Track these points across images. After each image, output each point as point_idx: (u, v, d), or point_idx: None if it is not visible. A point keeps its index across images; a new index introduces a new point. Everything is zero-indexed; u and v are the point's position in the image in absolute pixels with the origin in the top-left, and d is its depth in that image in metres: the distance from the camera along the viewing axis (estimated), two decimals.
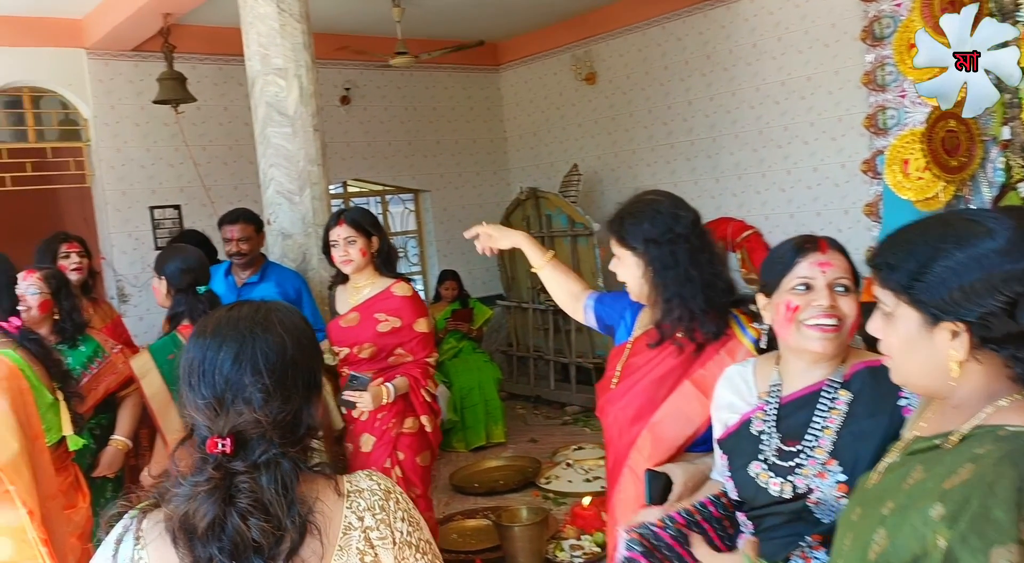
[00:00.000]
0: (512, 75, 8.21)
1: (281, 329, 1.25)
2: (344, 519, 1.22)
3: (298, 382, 1.24)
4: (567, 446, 5.63)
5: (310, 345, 1.29)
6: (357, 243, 3.16)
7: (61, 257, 3.66)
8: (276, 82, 4.06)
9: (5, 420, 2.21)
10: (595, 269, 6.55)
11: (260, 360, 1.22)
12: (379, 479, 1.29)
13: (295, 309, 1.35)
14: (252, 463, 1.18)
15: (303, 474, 1.22)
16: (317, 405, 1.29)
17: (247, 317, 1.27)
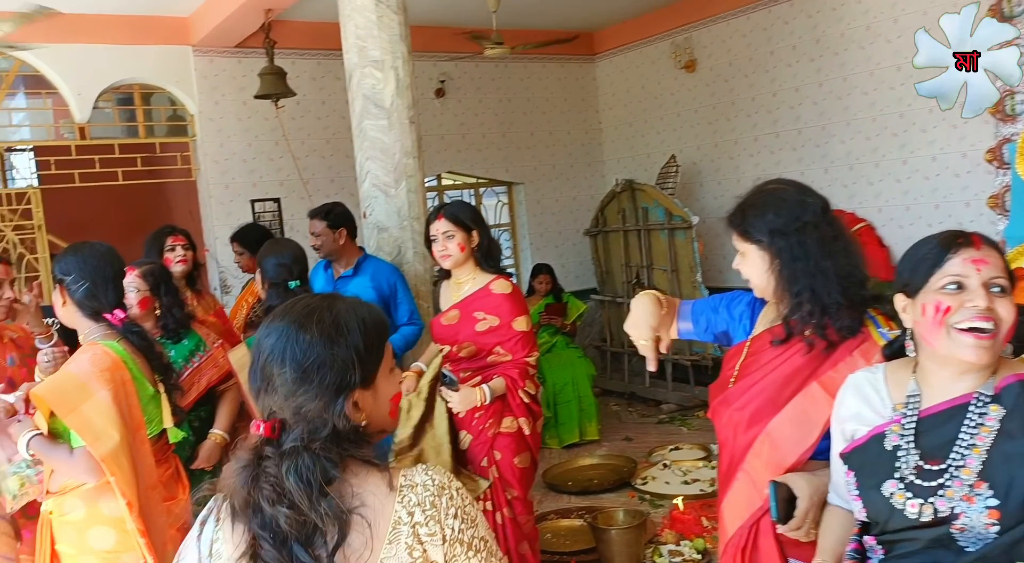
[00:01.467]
0: (608, 65, 8.03)
1: (318, 329, 1.24)
2: (394, 513, 1.21)
3: (326, 381, 1.22)
4: (663, 446, 5.47)
5: (356, 348, 1.25)
6: (455, 238, 3.08)
7: (167, 250, 3.73)
8: (373, 74, 4.04)
9: (106, 411, 2.23)
10: (694, 264, 6.33)
11: (288, 354, 1.24)
12: (435, 474, 1.26)
13: (367, 312, 1.30)
14: (280, 450, 1.21)
15: (355, 467, 1.23)
16: (359, 407, 1.26)
17: (298, 311, 1.28)
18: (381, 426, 1.32)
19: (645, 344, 1.97)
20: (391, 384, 1.32)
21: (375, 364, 1.28)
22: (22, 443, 2.29)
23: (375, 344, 1.29)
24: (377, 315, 1.32)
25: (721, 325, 2.08)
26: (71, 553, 2.31)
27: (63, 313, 2.41)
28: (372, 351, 1.28)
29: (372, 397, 1.28)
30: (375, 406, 1.29)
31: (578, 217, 7.98)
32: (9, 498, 2.50)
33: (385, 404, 1.31)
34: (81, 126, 5.97)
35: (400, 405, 1.37)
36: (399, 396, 1.35)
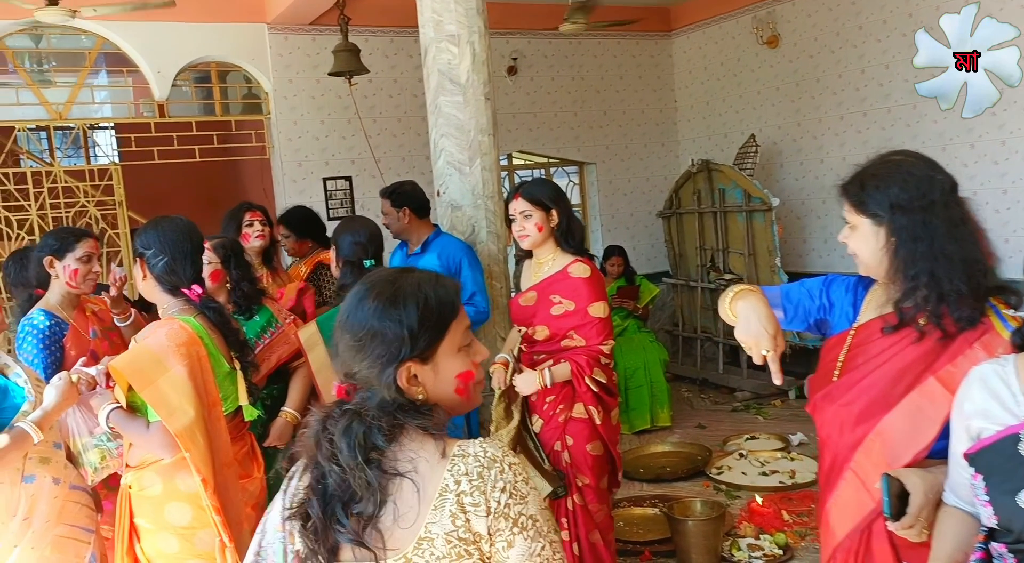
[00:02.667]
0: (685, 41, 7.79)
1: (377, 300, 1.28)
2: (443, 480, 1.22)
3: (376, 352, 1.26)
4: (739, 434, 5.30)
5: (409, 323, 1.26)
6: (533, 218, 3.00)
7: (245, 225, 3.75)
8: (449, 49, 3.95)
9: (182, 386, 2.21)
10: (773, 247, 6.11)
11: (350, 322, 1.30)
12: (489, 447, 1.25)
13: (434, 288, 1.31)
14: (342, 410, 1.27)
15: (414, 433, 1.25)
16: (418, 380, 1.28)
17: (370, 281, 1.33)
18: (449, 404, 1.32)
19: (770, 355, 1.73)
20: (458, 363, 1.31)
21: (433, 340, 1.29)
22: (102, 416, 2.29)
23: (434, 320, 1.29)
24: (445, 293, 1.32)
25: (818, 312, 1.92)
26: (149, 528, 2.31)
27: (143, 287, 2.40)
28: (429, 327, 1.28)
29: (432, 372, 1.29)
30: (436, 382, 1.30)
31: (651, 198, 7.80)
32: (90, 470, 2.51)
33: (449, 382, 1.31)
34: (160, 104, 6.06)
35: (470, 390, 1.34)
36: (468, 375, 1.33)
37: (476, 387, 1.35)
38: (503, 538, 1.20)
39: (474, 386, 1.34)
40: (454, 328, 1.31)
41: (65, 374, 2.41)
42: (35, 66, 6.11)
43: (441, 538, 1.19)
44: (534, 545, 1.21)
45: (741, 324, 1.77)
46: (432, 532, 1.20)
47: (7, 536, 2.31)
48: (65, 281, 2.87)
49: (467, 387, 1.33)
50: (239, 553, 2.28)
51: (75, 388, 2.40)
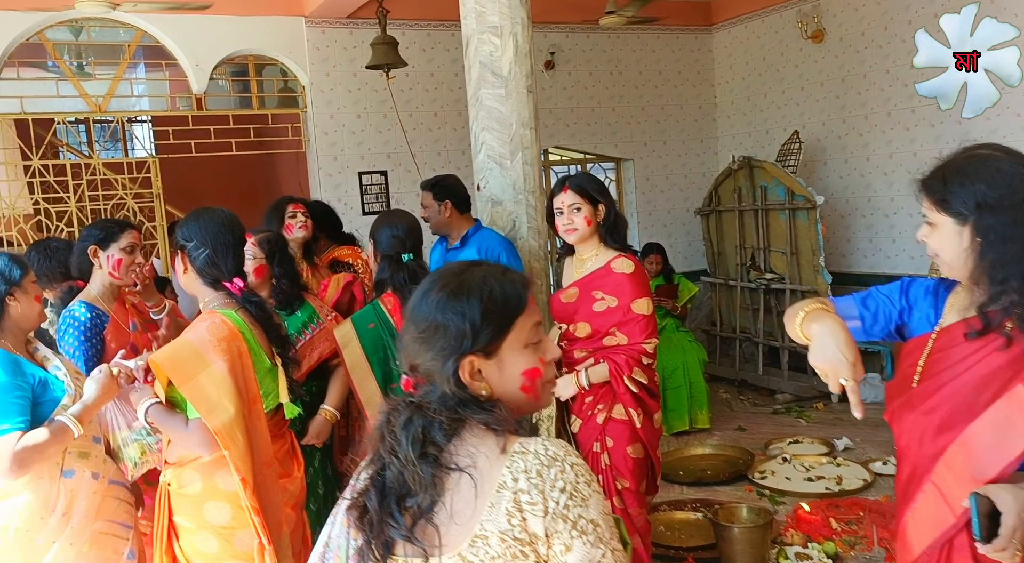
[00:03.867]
0: (726, 35, 7.64)
1: (441, 293, 1.25)
2: (500, 476, 1.18)
3: (438, 345, 1.23)
4: (781, 438, 5.18)
5: (472, 317, 1.23)
6: (582, 211, 2.94)
7: (288, 216, 3.71)
8: (491, 41, 3.86)
9: (222, 383, 2.15)
10: (816, 247, 5.96)
11: (414, 314, 1.28)
12: (551, 445, 1.20)
13: (500, 283, 1.27)
14: (406, 404, 1.25)
15: (476, 428, 1.22)
16: (482, 376, 1.25)
17: (438, 274, 1.31)
18: (514, 402, 1.27)
19: (849, 385, 1.57)
20: (524, 359, 1.27)
21: (497, 334, 1.25)
22: (140, 411, 2.25)
23: (499, 314, 1.25)
24: (512, 287, 1.28)
25: (899, 316, 1.80)
26: (188, 526, 2.26)
27: (184, 280, 2.35)
28: (493, 322, 1.24)
29: (497, 368, 1.26)
30: (501, 378, 1.26)
31: (688, 195, 7.67)
32: (130, 465, 2.47)
33: (514, 378, 1.26)
34: (198, 97, 6.04)
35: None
36: (535, 373, 1.27)
37: (544, 386, 1.30)
38: (561, 541, 1.14)
39: (542, 384, 1.29)
40: (520, 323, 1.27)
41: (105, 367, 2.37)
42: (74, 59, 6.12)
43: (496, 536, 1.15)
44: (594, 551, 1.15)
45: (817, 350, 1.61)
46: (487, 530, 1.15)
47: (45, 532, 2.27)
48: (108, 271, 2.84)
49: (533, 385, 1.28)
50: (278, 555, 2.22)
51: (115, 381, 2.36)
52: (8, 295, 2.35)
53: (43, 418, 2.29)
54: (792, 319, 1.74)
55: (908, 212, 6.22)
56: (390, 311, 2.89)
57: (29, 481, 2.26)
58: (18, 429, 2.19)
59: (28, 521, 2.26)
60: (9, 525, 2.25)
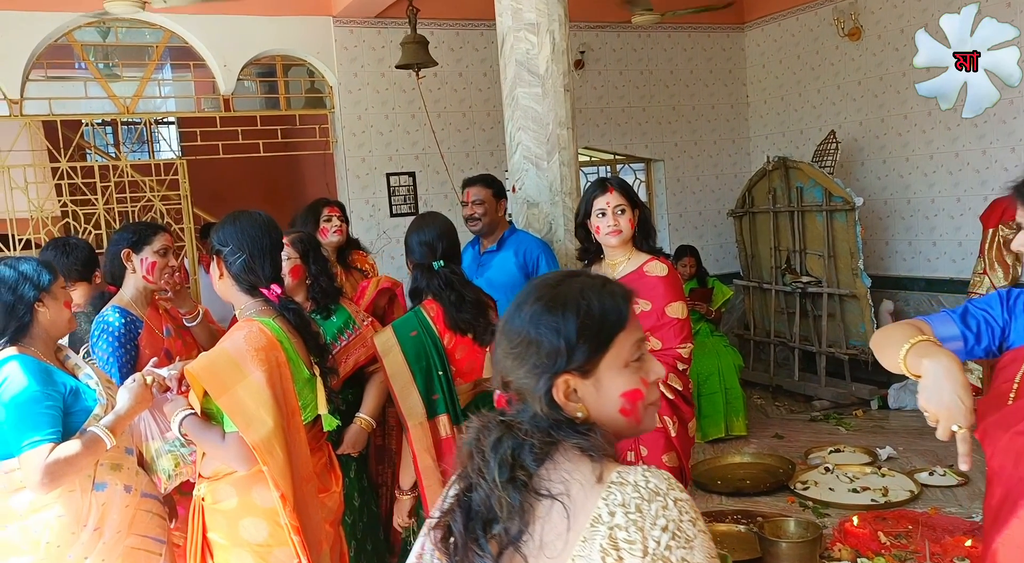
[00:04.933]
0: (759, 34, 7.49)
1: (535, 306, 1.16)
2: (595, 509, 1.07)
3: (530, 361, 1.15)
4: (821, 447, 5.03)
5: (567, 333, 1.14)
6: (627, 213, 2.88)
7: (323, 220, 3.63)
8: (527, 38, 3.77)
9: (260, 394, 2.06)
10: (855, 249, 5.81)
11: (507, 327, 1.19)
12: (653, 477, 1.08)
13: (599, 297, 1.17)
14: (496, 422, 1.17)
15: (572, 453, 1.12)
16: (577, 396, 1.15)
17: (534, 285, 1.22)
18: (613, 425, 1.17)
19: (961, 433, 1.38)
20: (623, 379, 1.16)
21: (594, 352, 1.15)
22: (175, 423, 2.16)
23: (596, 331, 1.15)
24: (612, 301, 1.18)
25: (1002, 333, 1.66)
26: (223, 543, 2.17)
27: (219, 286, 2.26)
28: (590, 339, 1.15)
29: (594, 388, 1.16)
30: (598, 400, 1.16)
31: (720, 197, 7.53)
32: (164, 478, 2.39)
33: (613, 400, 1.16)
34: (226, 98, 5.99)
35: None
36: (636, 395, 1.17)
37: (647, 408, 1.19)
38: None
39: (644, 407, 1.18)
40: (620, 341, 1.17)
41: (139, 376, 2.29)
42: (102, 60, 6.09)
43: None
44: None
45: (930, 391, 1.42)
46: None
47: (77, 547, 2.19)
48: (142, 275, 2.76)
49: (634, 407, 1.17)
50: None
51: (148, 391, 2.28)
52: (37, 301, 2.27)
53: (74, 429, 2.21)
54: (892, 348, 1.58)
55: (949, 214, 6.05)
56: (433, 319, 2.78)
57: (60, 494, 2.19)
58: (49, 441, 2.11)
59: (59, 536, 2.18)
60: (40, 540, 2.17)
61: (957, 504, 4.13)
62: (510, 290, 3.57)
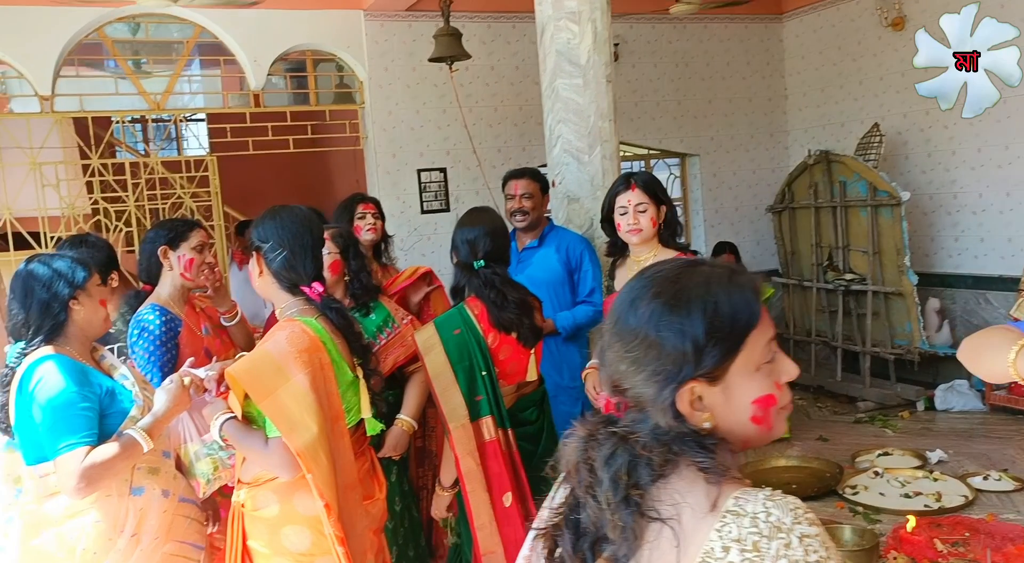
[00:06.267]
0: (798, 24, 7.31)
1: (654, 303, 1.02)
2: (707, 542, 0.94)
3: (651, 367, 1.01)
4: (868, 450, 4.86)
5: (694, 334, 1.00)
6: (648, 211, 2.80)
7: (357, 217, 3.51)
8: (568, 28, 3.65)
9: (304, 398, 1.96)
10: (901, 246, 5.63)
11: (620, 327, 1.05)
12: (776, 508, 0.94)
13: (726, 290, 1.03)
14: (608, 432, 1.04)
15: (687, 471, 1.00)
16: (702, 404, 1.02)
17: (647, 277, 1.07)
18: (741, 435, 1.05)
19: None
20: (756, 384, 1.03)
21: (724, 355, 1.01)
22: (215, 427, 2.07)
23: (727, 331, 1.01)
24: (742, 295, 1.04)
25: None
26: (263, 552, 2.08)
27: (259, 284, 2.17)
28: (720, 339, 1.01)
29: (722, 395, 1.02)
30: (727, 407, 1.02)
31: (757, 192, 7.36)
32: (202, 482, 2.30)
33: (744, 408, 1.03)
34: (256, 93, 5.92)
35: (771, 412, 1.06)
36: (769, 400, 1.04)
37: (779, 414, 1.06)
38: None
39: (776, 413, 1.05)
40: (753, 340, 1.03)
41: (176, 377, 2.21)
42: (131, 57, 6.04)
43: None
44: None
45: None
46: None
47: (114, 554, 2.12)
48: (180, 272, 2.69)
49: (767, 414, 1.04)
50: None
51: (187, 392, 2.20)
52: (72, 299, 2.20)
53: (110, 431, 2.14)
54: (994, 353, 1.47)
55: (998, 209, 5.85)
56: (476, 317, 2.68)
57: (97, 499, 2.11)
58: (85, 444, 2.04)
59: (96, 542, 2.11)
60: (76, 547, 2.10)
61: (1015, 510, 3.96)
62: (552, 287, 3.47)
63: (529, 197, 3.55)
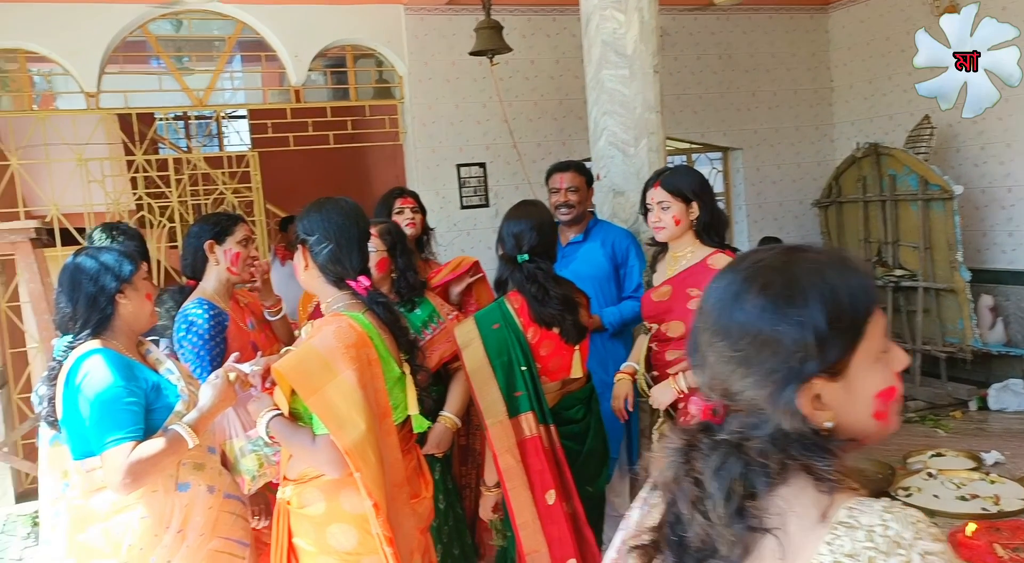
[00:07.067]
0: (844, 15, 7.13)
1: (763, 294, 0.93)
2: (816, 555, 0.87)
3: (767, 366, 0.92)
4: (920, 450, 4.70)
5: (815, 325, 0.91)
6: (671, 210, 2.72)
7: (395, 212, 3.43)
8: (615, 17, 3.58)
9: (351, 395, 1.92)
10: (953, 241, 5.46)
11: (722, 323, 0.96)
12: (895, 520, 0.86)
13: (840, 274, 0.95)
14: (714, 440, 0.96)
15: (794, 477, 0.92)
16: (821, 402, 0.93)
17: (745, 267, 0.98)
18: (860, 432, 0.96)
19: None
20: (876, 376, 0.95)
21: (847, 347, 0.93)
22: (261, 424, 2.04)
23: (848, 319, 0.93)
24: (858, 279, 0.95)
25: None
26: (309, 550, 2.04)
27: (304, 278, 2.13)
28: (842, 329, 0.92)
29: (843, 391, 0.94)
30: (848, 403, 0.94)
31: (802, 187, 7.20)
32: (247, 478, 2.28)
33: (866, 402, 0.95)
34: (296, 89, 5.92)
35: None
36: (890, 393, 0.96)
37: (895, 407, 0.98)
38: None
39: (894, 406, 0.97)
40: (872, 328, 0.94)
41: (221, 372, 2.19)
42: (174, 53, 6.09)
43: None
44: None
45: None
46: None
47: (160, 550, 2.10)
48: (226, 267, 2.67)
49: (887, 409, 0.96)
50: None
51: (232, 387, 2.18)
52: (118, 292, 2.19)
53: (156, 426, 2.12)
54: None
55: None
56: (516, 311, 2.63)
57: (143, 495, 2.10)
58: (131, 439, 2.02)
59: (142, 538, 2.09)
60: (122, 542, 2.09)
61: None
62: (598, 282, 3.40)
63: (575, 190, 3.48)
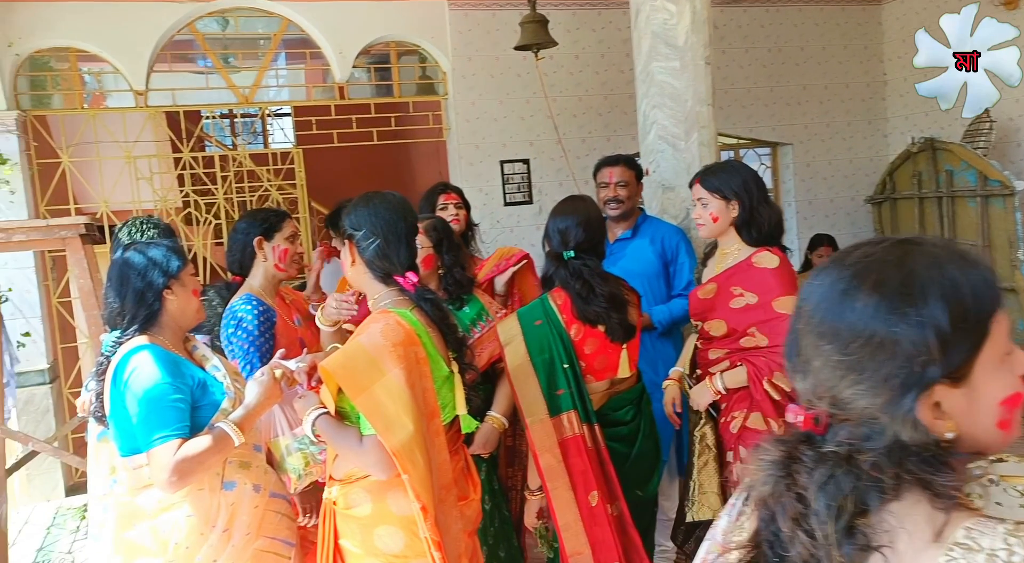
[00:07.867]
0: (898, 7, 6.93)
1: (877, 292, 0.85)
2: None
3: (883, 371, 0.84)
4: None
5: (936, 325, 0.83)
6: (709, 206, 2.65)
7: (439, 208, 3.38)
8: (665, 7, 3.49)
9: (399, 395, 1.87)
10: (1014, 238, 5.27)
11: (829, 324, 0.88)
12: (1021, 545, 0.78)
13: (961, 269, 0.86)
14: (819, 453, 0.89)
15: (906, 492, 0.85)
16: (941, 411, 0.85)
17: (853, 261, 0.89)
18: (983, 442, 0.89)
19: None
20: (1001, 381, 0.87)
21: (971, 349, 0.85)
22: (307, 423, 2.00)
23: (972, 318, 0.85)
24: (979, 274, 0.87)
25: None
26: (356, 552, 2.00)
27: (351, 274, 2.09)
28: (965, 330, 0.84)
29: (965, 398, 0.86)
30: (971, 411, 0.86)
31: (854, 182, 7.02)
32: (294, 477, 2.25)
33: (990, 410, 0.87)
34: (340, 86, 5.92)
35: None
36: (1016, 399, 0.88)
37: (1019, 415, 0.90)
38: None
39: (1018, 414, 0.90)
40: (996, 328, 0.86)
41: (267, 369, 2.16)
42: (220, 51, 6.13)
43: None
44: None
45: None
46: None
47: (206, 549, 2.07)
48: (274, 263, 2.65)
49: (1011, 416, 0.88)
50: None
51: (278, 385, 2.15)
52: (166, 288, 2.17)
53: (202, 423, 2.10)
54: None
55: None
56: (559, 308, 2.57)
57: (189, 493, 2.07)
58: (178, 437, 2.00)
59: (188, 536, 2.07)
60: (168, 540, 2.07)
61: None
62: (647, 280, 3.32)
63: (624, 185, 3.39)
